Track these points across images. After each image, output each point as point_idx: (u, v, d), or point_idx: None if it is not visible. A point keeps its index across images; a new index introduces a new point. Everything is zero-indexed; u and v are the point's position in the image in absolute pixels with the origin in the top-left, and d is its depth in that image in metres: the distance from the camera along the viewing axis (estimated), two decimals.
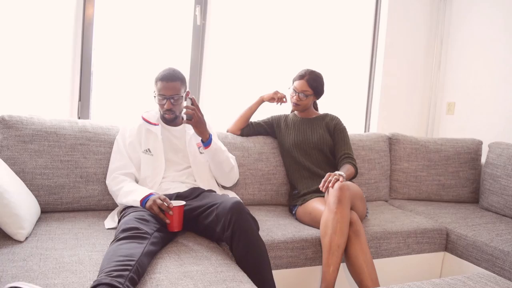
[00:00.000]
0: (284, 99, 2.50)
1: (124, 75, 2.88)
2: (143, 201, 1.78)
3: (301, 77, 2.39)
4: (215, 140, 2.09)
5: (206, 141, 2.04)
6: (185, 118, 1.95)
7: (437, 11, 3.41)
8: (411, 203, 2.78)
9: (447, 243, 2.36)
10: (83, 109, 2.70)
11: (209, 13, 2.85)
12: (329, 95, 3.06)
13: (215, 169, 2.14)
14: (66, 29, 2.53)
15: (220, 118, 2.85)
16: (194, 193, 1.97)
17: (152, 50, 2.82)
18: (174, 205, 1.71)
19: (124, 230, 1.51)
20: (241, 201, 1.72)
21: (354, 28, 3.31)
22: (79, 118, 2.67)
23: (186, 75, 2.88)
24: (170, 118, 2.08)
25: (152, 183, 2.01)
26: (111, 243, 1.49)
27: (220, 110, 2.95)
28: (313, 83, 2.38)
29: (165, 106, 2.00)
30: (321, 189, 2.02)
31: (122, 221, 1.64)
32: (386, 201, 2.86)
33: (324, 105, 2.67)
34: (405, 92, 3.41)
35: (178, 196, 1.95)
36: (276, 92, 2.50)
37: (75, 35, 2.57)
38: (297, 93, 2.39)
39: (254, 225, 1.69)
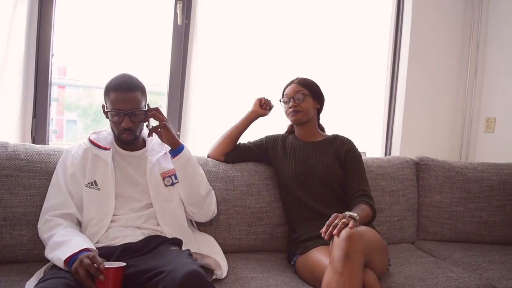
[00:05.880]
0: (271, 104, 2.04)
1: (92, 84, 2.44)
2: (70, 261, 1.27)
3: (290, 83, 2.01)
4: (188, 152, 1.67)
5: (177, 148, 1.62)
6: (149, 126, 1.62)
7: (472, 9, 2.90)
8: (445, 247, 2.22)
9: None
10: (39, 128, 2.24)
11: (194, 11, 2.36)
12: (339, 111, 2.64)
13: (187, 192, 1.65)
14: (17, 30, 2.07)
15: (207, 140, 2.31)
16: (148, 246, 1.46)
17: (123, 55, 2.38)
18: (106, 266, 1.22)
19: None
20: (200, 269, 1.18)
21: (371, 29, 2.80)
22: (33, 138, 2.21)
23: (164, 85, 2.39)
24: (128, 140, 1.61)
25: (97, 228, 1.52)
26: None
27: (207, 129, 2.42)
28: (305, 83, 1.98)
29: (122, 125, 1.55)
30: (322, 235, 1.50)
31: None
32: (413, 243, 2.30)
33: (333, 124, 2.15)
34: (434, 106, 2.91)
35: (124, 249, 1.43)
36: (259, 98, 2.03)
37: (29, 37, 2.11)
38: (290, 98, 1.92)
39: None
